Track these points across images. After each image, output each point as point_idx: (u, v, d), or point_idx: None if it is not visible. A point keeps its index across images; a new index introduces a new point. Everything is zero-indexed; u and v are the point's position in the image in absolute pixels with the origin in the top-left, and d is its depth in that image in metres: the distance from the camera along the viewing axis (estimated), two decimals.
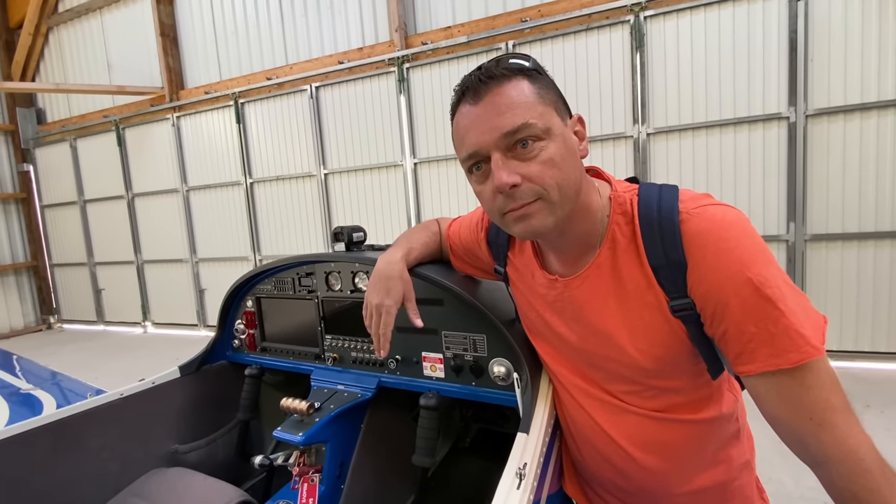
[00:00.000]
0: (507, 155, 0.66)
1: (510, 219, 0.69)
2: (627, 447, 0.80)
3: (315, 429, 1.08)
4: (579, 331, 0.80)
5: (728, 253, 0.61)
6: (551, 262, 0.82)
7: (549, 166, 0.65)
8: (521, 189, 0.65)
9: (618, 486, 0.88)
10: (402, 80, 5.09)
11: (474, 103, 0.67)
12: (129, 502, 1.21)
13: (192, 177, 6.46)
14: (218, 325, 1.52)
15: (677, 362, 0.73)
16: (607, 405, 0.81)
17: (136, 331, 7.13)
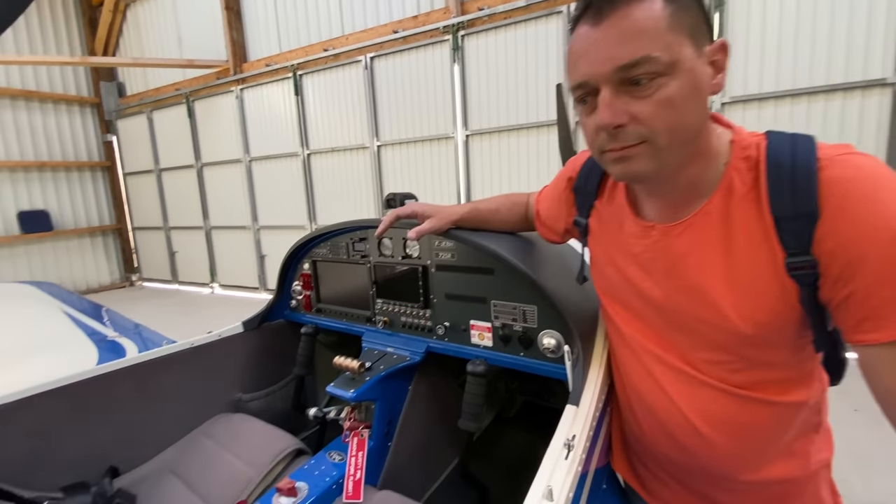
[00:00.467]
0: (619, 89, 0.59)
1: (608, 158, 0.65)
2: (697, 423, 0.74)
3: (365, 387, 1.12)
4: (668, 287, 0.72)
5: (874, 203, 0.52)
6: (647, 208, 0.75)
7: (665, 107, 0.58)
8: (625, 130, 0.60)
9: (676, 464, 0.82)
10: (457, 48, 4.96)
11: (595, 24, 0.59)
12: (199, 441, 1.33)
13: (254, 148, 6.77)
14: (277, 286, 1.60)
15: (781, 330, 0.65)
16: (683, 375, 0.74)
17: (205, 291, 7.73)
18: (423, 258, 1.25)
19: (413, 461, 1.21)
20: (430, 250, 1.23)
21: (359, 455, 1.10)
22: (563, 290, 1.00)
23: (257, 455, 1.19)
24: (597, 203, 0.85)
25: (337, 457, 1.13)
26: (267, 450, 1.19)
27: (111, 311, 3.13)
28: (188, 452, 1.28)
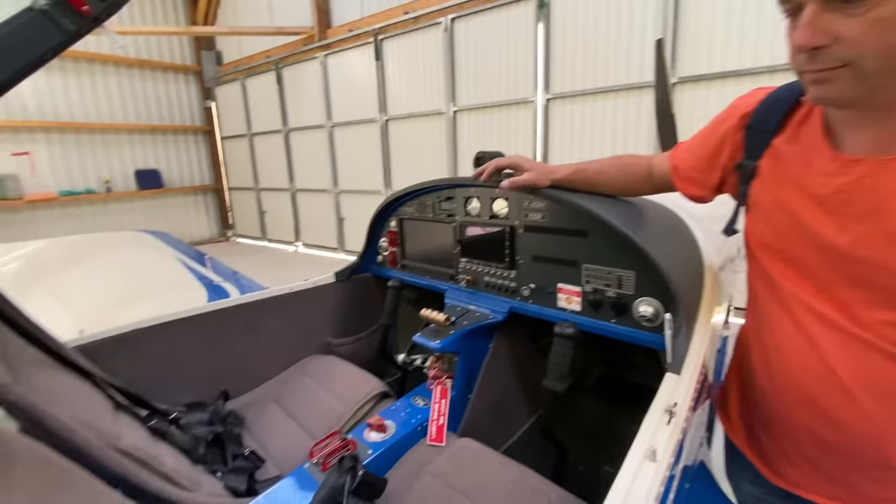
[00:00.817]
0: (829, 5, 0.53)
1: (807, 80, 0.60)
2: (857, 392, 0.66)
3: (450, 339, 1.16)
4: (862, 231, 0.64)
5: None
6: (851, 142, 0.66)
7: (879, 28, 0.51)
8: (825, 51, 0.55)
9: (815, 440, 0.73)
10: (542, 5, 4.68)
11: None
12: (296, 376, 1.46)
13: (336, 113, 7.02)
14: (366, 242, 1.68)
15: None
16: (849, 338, 0.66)
17: (290, 248, 8.35)
18: (511, 218, 1.23)
19: (492, 414, 1.25)
20: (518, 210, 1.21)
21: (442, 402, 1.15)
22: (669, 257, 0.94)
23: (348, 393, 1.28)
24: (775, 141, 0.76)
25: (421, 402, 1.19)
26: (357, 389, 1.29)
27: (213, 259, 3.50)
28: (287, 385, 1.42)
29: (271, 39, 7.66)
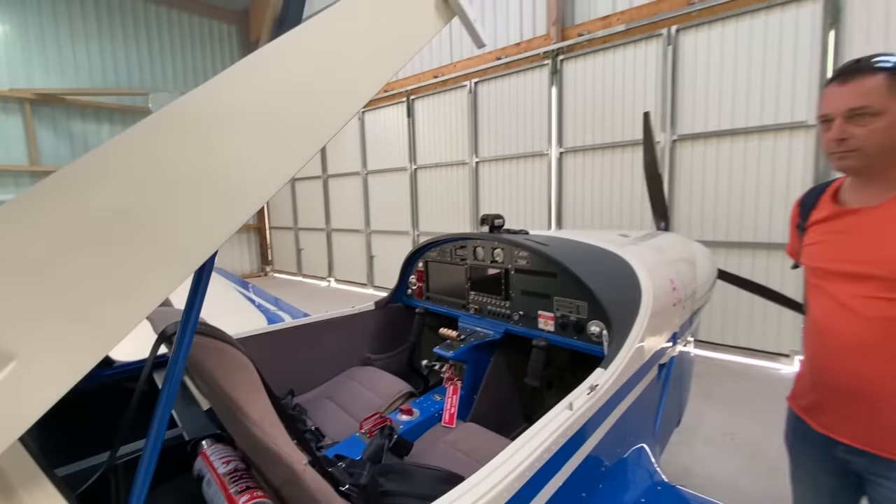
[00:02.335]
0: (847, 120, 1.02)
1: (834, 157, 1.09)
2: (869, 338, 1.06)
3: (460, 350, 1.59)
4: (865, 247, 1.07)
5: None
6: (851, 201, 1.15)
7: (872, 133, 1.00)
8: (845, 142, 1.03)
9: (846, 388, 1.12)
10: (556, 71, 5.31)
11: (840, 84, 1.05)
12: (344, 381, 1.91)
13: (370, 162, 7.78)
14: (399, 278, 2.15)
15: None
16: (855, 313, 1.08)
17: (323, 284, 8.98)
18: (506, 263, 1.69)
19: (491, 406, 1.64)
20: (511, 257, 1.67)
21: (454, 398, 1.57)
22: (608, 292, 1.36)
23: (384, 392, 1.72)
24: (813, 212, 1.25)
25: (438, 398, 1.61)
26: (390, 389, 1.72)
27: (256, 287, 4.08)
28: (338, 387, 1.86)
29: None
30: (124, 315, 0.42)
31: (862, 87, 1.00)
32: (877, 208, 1.07)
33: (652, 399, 1.50)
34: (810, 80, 3.78)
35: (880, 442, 1.08)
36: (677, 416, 1.89)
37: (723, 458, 2.75)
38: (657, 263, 1.74)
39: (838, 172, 1.14)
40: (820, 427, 1.20)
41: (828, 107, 1.07)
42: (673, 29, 4.42)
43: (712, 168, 4.36)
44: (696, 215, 4.49)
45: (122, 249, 0.42)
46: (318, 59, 0.57)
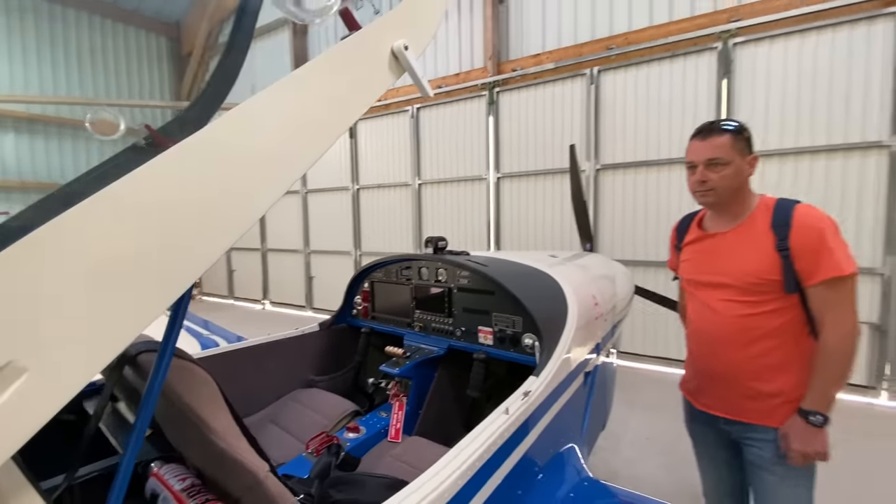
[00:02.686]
0: (706, 167, 1.34)
1: (698, 195, 1.39)
2: (733, 335, 1.35)
3: (406, 367, 1.66)
4: (720, 263, 1.38)
5: (810, 226, 1.24)
6: (710, 227, 1.46)
7: (723, 178, 1.32)
8: (705, 184, 1.34)
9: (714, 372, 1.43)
10: (492, 102, 5.65)
11: (701, 140, 1.36)
12: (288, 403, 1.89)
13: (310, 181, 7.67)
14: (344, 299, 2.18)
15: (773, 276, 1.28)
16: (717, 313, 1.37)
17: (257, 307, 8.57)
18: (449, 282, 1.80)
19: (436, 419, 1.71)
20: (453, 277, 1.79)
21: (399, 413, 1.63)
22: (539, 307, 1.51)
23: (329, 412, 1.73)
24: (686, 236, 1.55)
25: (384, 414, 1.66)
26: (336, 409, 1.74)
27: (199, 318, 3.86)
28: (281, 411, 1.84)
29: None
30: (115, 338, 0.48)
31: (716, 143, 1.32)
32: (727, 234, 1.39)
33: (579, 404, 1.66)
34: (709, 118, 4.36)
35: (743, 411, 1.38)
36: (603, 420, 2.07)
37: (645, 459, 3.01)
38: (581, 281, 1.94)
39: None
40: (701, 406, 1.49)
41: (693, 156, 1.37)
42: (595, 70, 4.92)
43: (630, 194, 4.84)
44: (618, 237, 4.93)
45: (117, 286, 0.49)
46: (280, 125, 0.65)
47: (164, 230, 0.52)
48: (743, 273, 1.32)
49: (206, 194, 0.56)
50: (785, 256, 1.26)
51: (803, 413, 1.28)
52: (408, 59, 0.76)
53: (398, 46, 0.75)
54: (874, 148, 3.74)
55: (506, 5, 5.65)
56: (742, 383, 1.36)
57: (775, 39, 4.05)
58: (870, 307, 3.82)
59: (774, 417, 1.33)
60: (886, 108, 3.67)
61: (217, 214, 0.57)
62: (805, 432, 1.27)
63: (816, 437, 1.26)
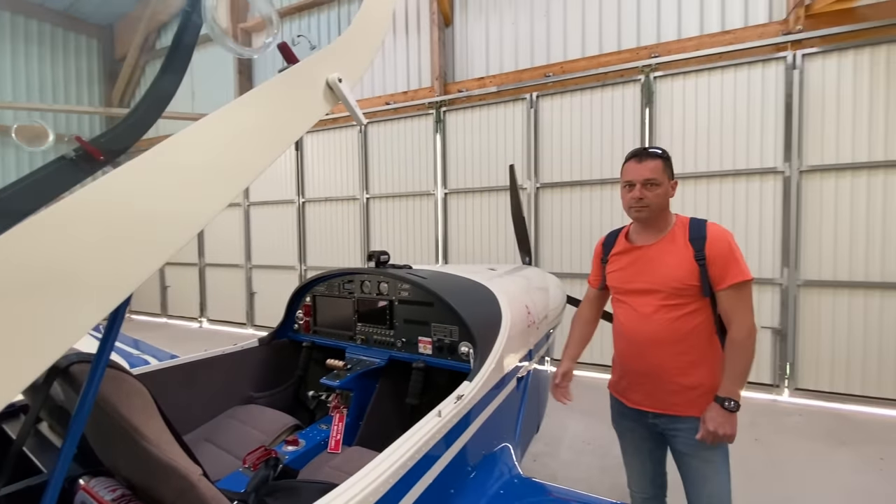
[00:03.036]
0: (643, 187, 1.52)
1: (633, 211, 1.57)
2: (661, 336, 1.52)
3: (347, 379, 1.69)
4: (647, 271, 1.56)
5: (721, 239, 1.47)
6: (638, 240, 1.63)
7: (656, 196, 1.51)
8: (642, 200, 1.52)
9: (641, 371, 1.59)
10: (439, 121, 5.83)
11: (638, 162, 1.54)
12: (225, 421, 1.85)
13: (253, 194, 7.44)
14: (285, 313, 2.18)
15: (692, 283, 1.48)
16: (646, 316, 1.54)
17: (194, 325, 8.09)
18: (391, 294, 1.86)
19: (377, 430, 1.75)
20: (395, 289, 1.85)
21: (339, 425, 1.65)
22: (474, 316, 1.62)
23: (268, 427, 1.72)
24: (614, 247, 1.71)
25: (324, 426, 1.67)
26: (275, 424, 1.73)
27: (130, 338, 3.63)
28: (217, 428, 1.80)
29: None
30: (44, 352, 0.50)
31: (650, 166, 1.52)
32: (652, 246, 1.58)
33: (513, 407, 1.78)
34: (634, 144, 4.79)
35: (670, 405, 1.55)
36: (536, 422, 2.20)
37: (583, 462, 3.19)
38: (516, 292, 2.08)
39: (628, 219, 1.67)
40: (632, 403, 1.64)
41: (631, 176, 1.56)
42: (534, 95, 5.24)
43: (567, 211, 5.16)
44: (557, 251, 5.22)
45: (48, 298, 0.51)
46: (221, 146, 0.70)
47: (103, 242, 0.55)
48: (669, 279, 1.50)
49: (147, 207, 0.60)
50: (702, 265, 1.47)
51: (719, 400, 1.47)
52: (342, 90, 0.84)
53: (332, 79, 0.83)
54: (770, 173, 4.28)
55: (452, 29, 5.90)
56: (669, 379, 1.53)
57: (688, 75, 4.55)
58: (771, 313, 4.31)
59: (696, 407, 1.51)
60: (780, 139, 4.23)
61: (156, 228, 0.61)
62: (720, 416, 1.46)
63: (728, 421, 1.45)
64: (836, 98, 4.05)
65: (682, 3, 4.68)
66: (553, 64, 5.23)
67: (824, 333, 4.16)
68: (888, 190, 3.90)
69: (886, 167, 3.89)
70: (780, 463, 3.08)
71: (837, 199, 4.07)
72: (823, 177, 4.11)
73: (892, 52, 3.88)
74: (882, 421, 3.78)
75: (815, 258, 4.16)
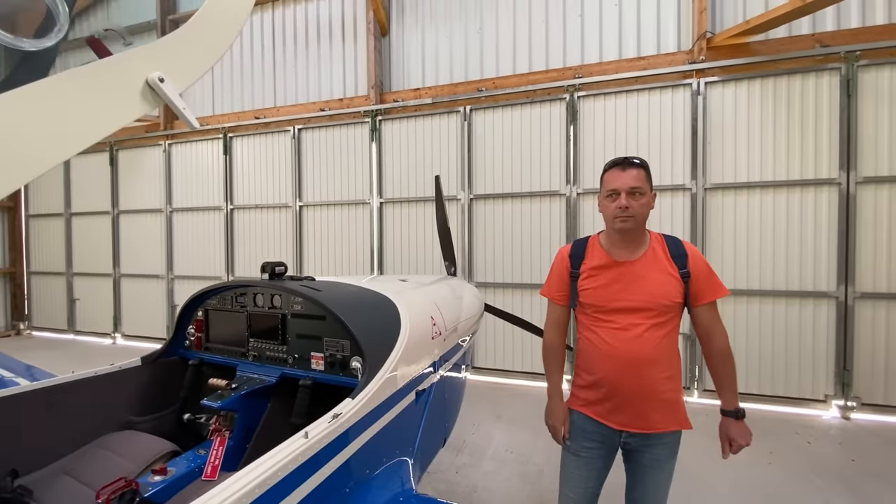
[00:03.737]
0: (628, 195, 1.48)
1: (618, 221, 1.50)
2: (647, 355, 1.49)
3: (230, 399, 1.58)
4: (630, 287, 1.52)
5: (700, 256, 1.53)
6: (616, 255, 1.57)
7: (641, 205, 1.48)
8: (628, 210, 1.47)
9: (628, 388, 1.53)
10: (375, 129, 5.78)
11: (621, 171, 1.49)
12: (92, 450, 1.66)
13: (177, 199, 6.97)
14: (175, 329, 2.01)
15: (676, 300, 1.50)
16: (632, 335, 1.51)
17: (106, 341, 7.39)
18: (283, 309, 1.78)
19: (266, 451, 1.65)
20: (288, 303, 1.77)
21: (220, 449, 1.53)
22: (366, 330, 1.57)
23: (139, 456, 1.56)
24: (585, 259, 1.64)
25: (203, 452, 1.55)
26: (148, 451, 1.58)
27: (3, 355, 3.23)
28: (83, 459, 1.61)
29: None
30: None
31: (633, 174, 1.48)
32: (635, 262, 1.54)
33: (411, 421, 1.74)
34: (561, 159, 4.99)
35: (654, 423, 1.53)
36: (443, 436, 2.18)
37: (504, 471, 3.21)
38: (422, 304, 2.06)
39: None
40: (618, 425, 1.56)
41: (616, 184, 1.49)
42: (468, 108, 5.34)
43: (500, 223, 5.27)
44: (490, 261, 5.31)
45: None
46: (16, 128, 0.62)
47: None
48: (658, 296, 1.48)
49: None
50: (686, 281, 1.50)
51: (730, 413, 1.53)
52: (165, 90, 0.78)
53: (153, 78, 0.77)
54: (680, 190, 4.61)
55: (388, 39, 5.90)
56: (657, 397, 1.50)
57: (608, 96, 4.83)
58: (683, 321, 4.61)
59: (671, 422, 1.53)
60: (688, 159, 4.58)
61: None
62: (739, 427, 1.52)
63: (746, 430, 1.52)
64: (733, 123, 4.46)
65: (603, 28, 4.98)
66: (486, 79, 5.37)
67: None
68: (777, 206, 4.34)
69: (776, 186, 4.33)
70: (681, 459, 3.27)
71: (736, 214, 4.47)
72: (725, 194, 4.50)
73: (779, 84, 4.34)
74: (774, 417, 4.14)
75: (717, 268, 4.50)
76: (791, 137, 4.30)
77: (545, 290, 1.75)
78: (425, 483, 3.00)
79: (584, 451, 1.64)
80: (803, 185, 4.27)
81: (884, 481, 3.01)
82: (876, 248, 4.13)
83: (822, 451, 3.46)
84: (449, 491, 2.94)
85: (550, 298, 1.72)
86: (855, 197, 4.14)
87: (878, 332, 4.14)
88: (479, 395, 4.75)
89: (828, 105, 4.22)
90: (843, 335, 4.19)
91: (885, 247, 4.10)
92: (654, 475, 1.59)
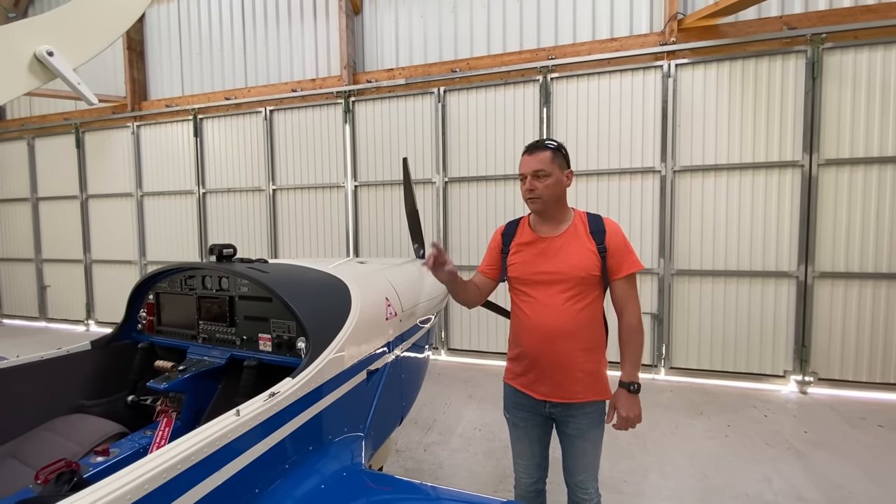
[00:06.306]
0: (533, 178, 1.58)
1: (528, 202, 1.63)
2: (565, 327, 1.57)
3: (177, 381, 1.58)
4: (553, 261, 1.61)
5: (618, 232, 1.61)
6: (541, 231, 1.67)
7: (546, 186, 1.57)
8: (533, 191, 1.59)
9: (548, 360, 1.62)
10: (348, 111, 5.68)
11: (529, 155, 1.61)
12: (39, 434, 1.66)
13: (147, 183, 6.80)
14: (125, 313, 2.00)
15: (594, 273, 1.58)
16: (552, 307, 1.59)
17: (79, 328, 7.27)
18: (231, 290, 1.77)
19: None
20: (235, 285, 1.77)
21: (165, 430, 1.54)
22: (311, 310, 1.58)
23: (85, 438, 1.56)
24: (515, 237, 1.73)
25: (149, 433, 1.56)
26: (95, 434, 1.58)
27: None
28: (28, 442, 1.60)
29: (72, 102, 7.18)
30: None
31: (539, 157, 1.58)
32: (557, 237, 1.64)
33: (362, 400, 1.77)
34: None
35: (574, 393, 1.61)
36: (399, 414, 2.22)
37: (471, 447, 3.29)
38: (376, 284, 2.07)
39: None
40: (541, 395, 1.65)
41: (523, 169, 1.62)
42: (442, 89, 5.28)
43: (474, 205, 5.28)
44: (465, 243, 5.33)
45: None
46: None
47: None
48: (575, 268, 1.57)
49: None
50: (603, 256, 1.57)
51: (624, 385, 1.59)
52: (55, 64, 0.76)
53: (41, 52, 0.75)
54: (649, 173, 4.66)
55: (361, 18, 5.76)
56: (576, 368, 1.58)
57: (580, 78, 4.81)
58: (650, 301, 4.72)
59: (592, 392, 1.61)
60: (658, 141, 4.61)
61: None
62: (628, 400, 1.58)
63: (636, 403, 1.58)
64: (702, 106, 4.50)
65: (577, 9, 4.93)
66: (460, 60, 5.30)
67: (692, 316, 4.64)
68: (742, 188, 4.42)
69: (741, 169, 4.41)
70: (645, 434, 3.40)
71: (703, 196, 4.54)
72: (693, 176, 4.56)
73: (747, 67, 4.38)
74: (735, 392, 4.31)
75: (685, 249, 4.62)
76: (757, 120, 4.36)
77: (479, 267, 1.85)
78: (393, 461, 3.07)
79: (521, 422, 1.75)
80: (768, 168, 4.35)
81: (830, 450, 3.17)
82: (835, 228, 4.25)
83: (777, 424, 3.62)
84: (416, 469, 3.01)
85: (481, 272, 1.82)
86: (817, 179, 4.24)
87: (835, 309, 4.30)
88: (454, 376, 4.83)
89: (793, 88, 4.28)
90: (802, 313, 4.34)
91: (844, 228, 4.23)
92: (580, 444, 1.66)
